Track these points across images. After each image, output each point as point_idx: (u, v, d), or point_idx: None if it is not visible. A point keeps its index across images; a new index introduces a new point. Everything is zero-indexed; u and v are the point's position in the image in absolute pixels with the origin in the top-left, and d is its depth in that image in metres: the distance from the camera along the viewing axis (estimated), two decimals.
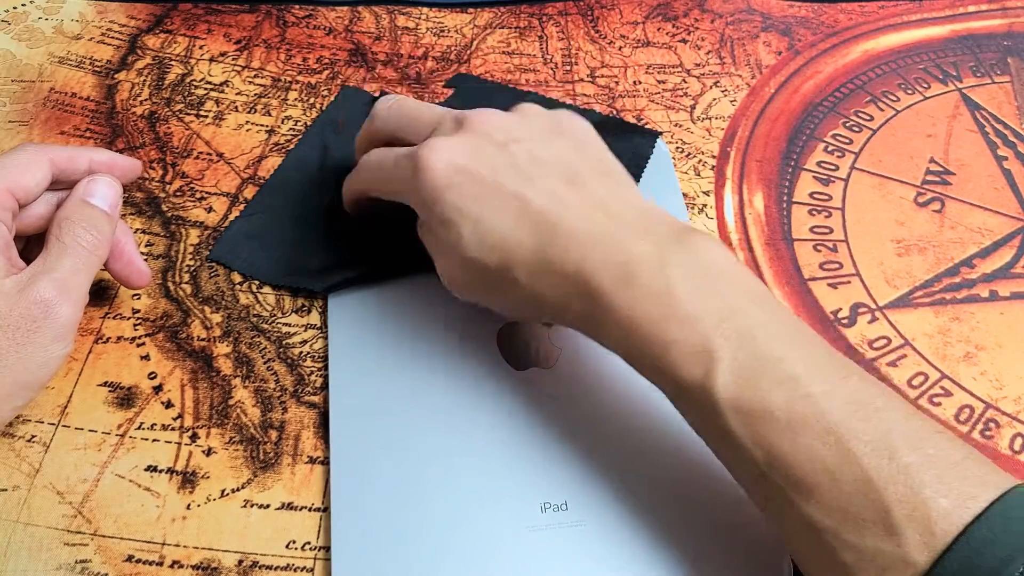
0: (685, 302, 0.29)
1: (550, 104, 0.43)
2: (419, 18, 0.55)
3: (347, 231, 0.42)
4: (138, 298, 0.41)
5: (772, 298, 0.31)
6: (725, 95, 0.51)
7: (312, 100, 0.49)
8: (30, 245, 0.38)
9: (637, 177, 0.44)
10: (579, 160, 0.34)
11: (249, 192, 0.45)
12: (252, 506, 0.35)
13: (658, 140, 0.47)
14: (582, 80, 0.51)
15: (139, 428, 0.37)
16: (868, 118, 0.50)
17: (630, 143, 0.46)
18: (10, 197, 0.35)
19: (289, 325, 0.40)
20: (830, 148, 0.49)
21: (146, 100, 0.49)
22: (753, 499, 0.30)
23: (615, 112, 0.50)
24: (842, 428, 0.27)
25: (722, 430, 0.29)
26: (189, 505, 0.35)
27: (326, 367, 0.38)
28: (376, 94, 0.49)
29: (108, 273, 0.38)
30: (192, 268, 0.42)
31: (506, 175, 0.33)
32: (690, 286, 0.30)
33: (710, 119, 0.50)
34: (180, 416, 0.37)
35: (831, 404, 0.27)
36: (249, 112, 0.49)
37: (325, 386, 0.38)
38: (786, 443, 0.27)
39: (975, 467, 0.26)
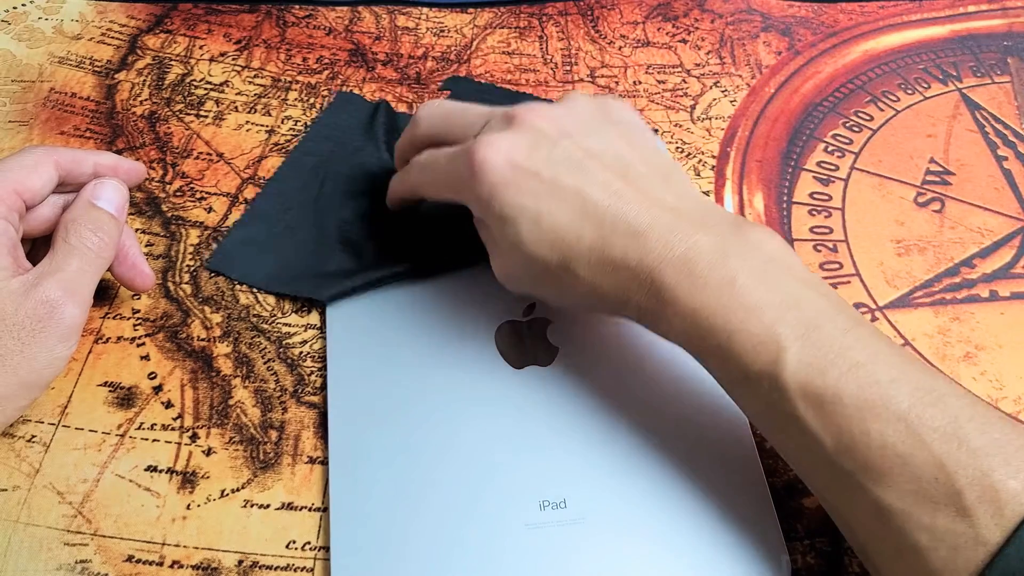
0: (749, 292, 0.30)
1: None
2: (419, 18, 0.55)
3: (349, 237, 0.42)
4: (138, 298, 0.41)
5: (830, 289, 0.31)
6: (725, 95, 0.51)
7: (312, 100, 0.49)
8: (36, 248, 0.38)
9: None
10: (630, 151, 0.34)
11: (249, 192, 0.45)
12: (252, 506, 0.35)
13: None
14: (582, 80, 0.51)
15: (139, 428, 0.37)
16: (868, 118, 0.50)
17: None
18: (17, 198, 0.35)
19: (289, 325, 0.40)
20: (830, 148, 0.49)
21: (146, 100, 0.49)
22: (816, 488, 0.31)
23: None
24: (911, 414, 0.27)
25: (789, 417, 0.29)
26: (189, 505, 0.35)
27: (326, 367, 0.38)
28: (374, 100, 0.49)
29: (111, 275, 0.38)
30: (192, 268, 0.42)
31: (562, 170, 0.33)
32: (752, 276, 0.30)
33: (710, 119, 0.50)
34: (180, 416, 0.37)
35: (899, 391, 0.28)
36: (249, 112, 0.49)
37: (325, 386, 0.38)
38: (856, 428, 0.28)
39: None
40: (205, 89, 0.50)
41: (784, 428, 0.30)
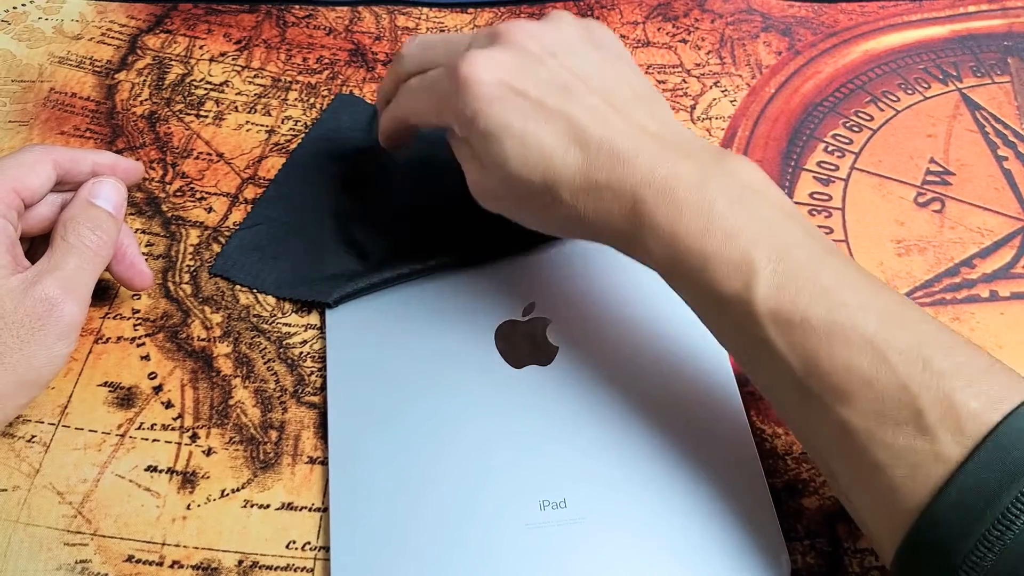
0: (725, 217, 0.30)
1: None
2: (419, 18, 0.55)
3: (351, 240, 0.42)
4: (138, 298, 0.41)
5: (805, 218, 0.32)
6: (725, 95, 0.51)
7: (312, 100, 0.49)
8: (35, 246, 0.38)
9: None
10: (615, 76, 0.35)
11: (249, 192, 0.45)
12: (252, 506, 0.35)
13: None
14: None
15: (139, 428, 0.37)
16: (868, 118, 0.50)
17: None
18: (15, 197, 0.35)
19: (289, 325, 0.40)
20: (830, 148, 0.49)
21: (146, 100, 0.49)
22: (780, 408, 0.31)
23: None
24: (878, 338, 0.28)
25: (759, 340, 0.30)
26: (189, 505, 0.35)
27: (326, 367, 0.38)
28: (374, 101, 0.49)
29: (110, 275, 0.38)
30: (192, 268, 0.42)
31: (548, 91, 0.33)
32: (730, 203, 0.31)
33: (710, 119, 0.50)
34: (180, 416, 0.37)
35: (867, 315, 0.28)
36: (249, 112, 0.49)
37: (325, 386, 0.38)
38: (823, 352, 0.28)
39: (1003, 374, 0.28)
40: (205, 89, 0.50)
41: (754, 352, 0.31)
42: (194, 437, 0.37)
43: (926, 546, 0.26)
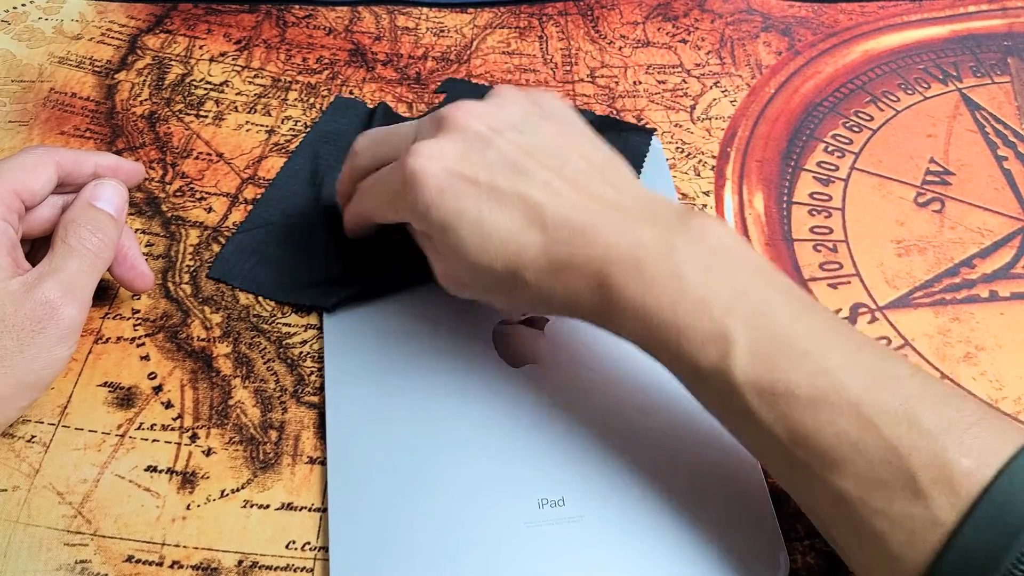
0: (696, 286, 0.29)
1: None
2: (419, 18, 0.55)
3: (349, 243, 0.42)
4: (138, 298, 0.41)
5: (779, 274, 0.31)
6: (725, 95, 0.51)
7: (312, 100, 0.49)
8: (35, 248, 0.38)
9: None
10: (567, 146, 0.34)
11: (249, 192, 0.45)
12: (252, 506, 0.35)
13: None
14: (582, 80, 0.51)
15: (139, 428, 0.37)
16: (868, 118, 0.50)
17: (626, 142, 0.46)
18: (16, 199, 0.35)
19: (289, 325, 0.40)
20: (830, 148, 0.49)
21: (146, 100, 0.49)
22: (776, 476, 0.31)
23: (615, 112, 0.50)
24: (862, 400, 0.27)
25: (743, 412, 0.29)
26: (189, 505, 0.35)
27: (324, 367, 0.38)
28: (371, 104, 0.49)
29: (110, 276, 0.38)
30: (192, 268, 0.42)
31: (499, 173, 0.32)
32: (699, 270, 0.30)
33: (710, 119, 0.50)
34: (180, 416, 0.37)
35: (849, 377, 0.27)
36: (249, 112, 0.49)
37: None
38: (809, 419, 0.27)
39: (993, 425, 0.27)
40: (205, 89, 0.50)
41: (739, 422, 0.30)
42: (194, 437, 0.37)
43: None
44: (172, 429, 0.37)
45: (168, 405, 0.37)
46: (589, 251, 0.31)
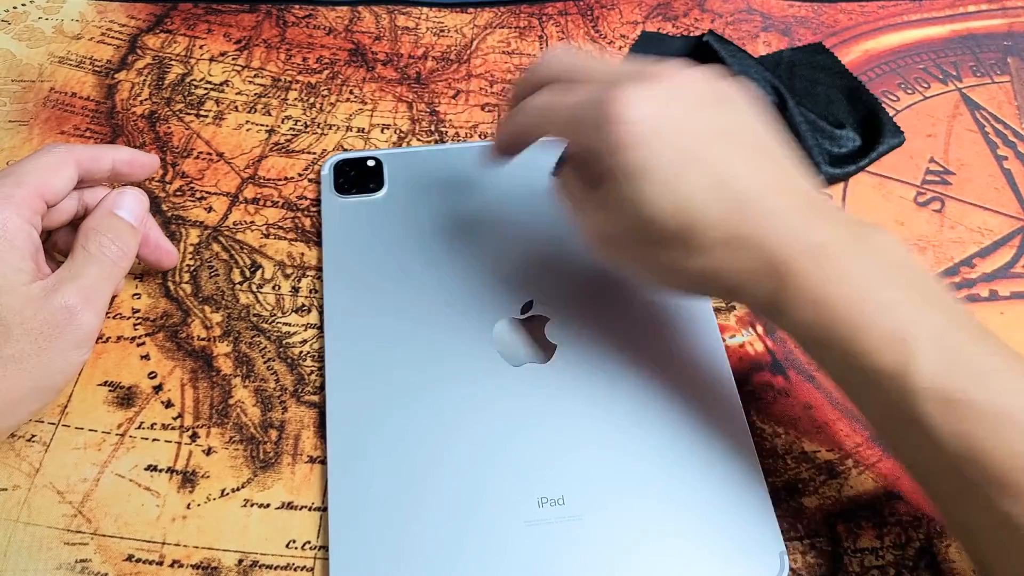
0: (882, 288, 0.29)
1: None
2: (419, 18, 0.55)
3: None
4: (138, 298, 0.41)
5: (956, 297, 0.30)
6: None
7: (312, 100, 0.49)
8: (53, 236, 0.38)
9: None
10: (766, 132, 0.33)
11: (249, 192, 0.45)
12: (252, 506, 0.35)
13: None
14: None
15: (139, 428, 0.37)
16: None
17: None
18: (39, 200, 0.35)
19: (289, 325, 0.40)
20: None
21: (146, 100, 0.49)
22: (934, 496, 0.30)
23: None
24: None
25: (914, 420, 0.28)
26: (189, 505, 0.35)
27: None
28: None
29: (138, 260, 0.39)
30: (192, 268, 0.42)
31: (699, 139, 0.31)
32: (885, 273, 0.29)
33: None
34: (180, 416, 0.37)
35: None
36: (249, 112, 0.49)
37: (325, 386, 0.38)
38: (987, 436, 0.27)
39: None
40: (205, 89, 0.50)
41: (905, 432, 0.29)
42: (194, 436, 0.37)
43: None
44: (172, 428, 0.37)
45: (168, 404, 0.37)
46: (773, 233, 0.30)
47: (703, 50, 0.50)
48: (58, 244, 0.38)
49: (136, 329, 0.40)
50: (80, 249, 0.35)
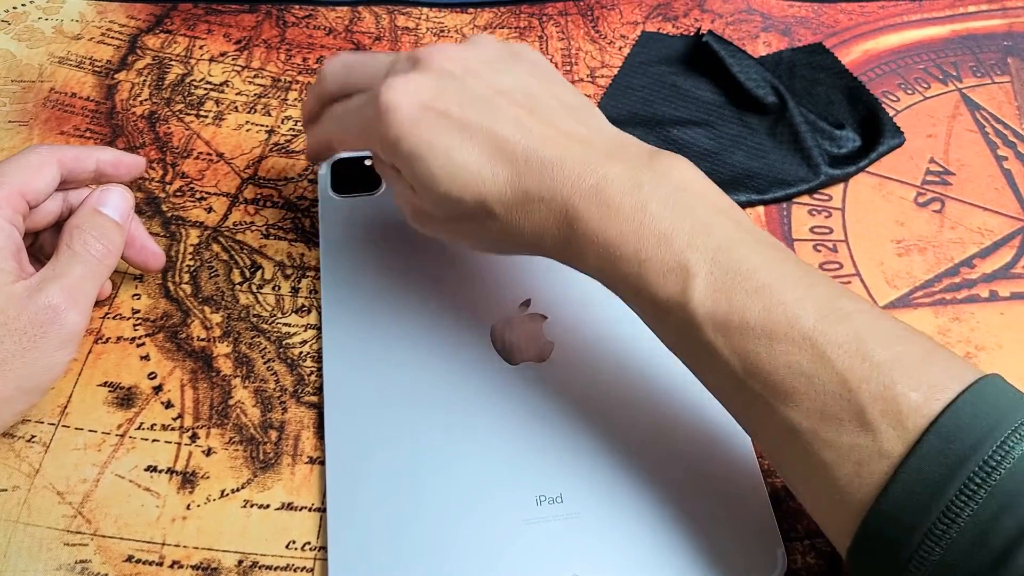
0: (659, 220, 0.30)
1: None
2: (419, 18, 0.55)
3: None
4: (138, 298, 0.41)
5: (741, 213, 0.31)
6: None
7: None
8: (39, 240, 0.38)
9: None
10: (539, 87, 0.34)
11: (249, 192, 0.45)
12: (252, 506, 0.35)
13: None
14: (582, 80, 0.51)
15: (139, 428, 0.37)
16: None
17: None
18: (21, 200, 0.35)
19: (289, 325, 0.40)
20: None
21: (146, 100, 0.49)
22: (731, 410, 0.31)
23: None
24: (816, 333, 0.27)
25: (700, 344, 0.29)
26: (189, 505, 0.35)
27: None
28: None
29: (124, 261, 0.39)
30: (192, 268, 0.42)
31: (470, 108, 0.33)
32: (663, 205, 0.30)
33: None
34: (180, 416, 0.37)
35: (804, 310, 0.28)
36: (249, 112, 0.49)
37: None
38: (763, 351, 0.28)
39: (943, 361, 0.27)
40: (205, 89, 0.50)
41: (697, 355, 0.30)
42: (194, 437, 0.37)
43: (876, 543, 0.26)
44: (172, 429, 0.37)
45: (168, 405, 0.37)
46: (556, 185, 0.31)
47: (703, 50, 0.50)
48: (44, 247, 0.38)
49: (136, 330, 0.40)
50: (64, 247, 0.35)
